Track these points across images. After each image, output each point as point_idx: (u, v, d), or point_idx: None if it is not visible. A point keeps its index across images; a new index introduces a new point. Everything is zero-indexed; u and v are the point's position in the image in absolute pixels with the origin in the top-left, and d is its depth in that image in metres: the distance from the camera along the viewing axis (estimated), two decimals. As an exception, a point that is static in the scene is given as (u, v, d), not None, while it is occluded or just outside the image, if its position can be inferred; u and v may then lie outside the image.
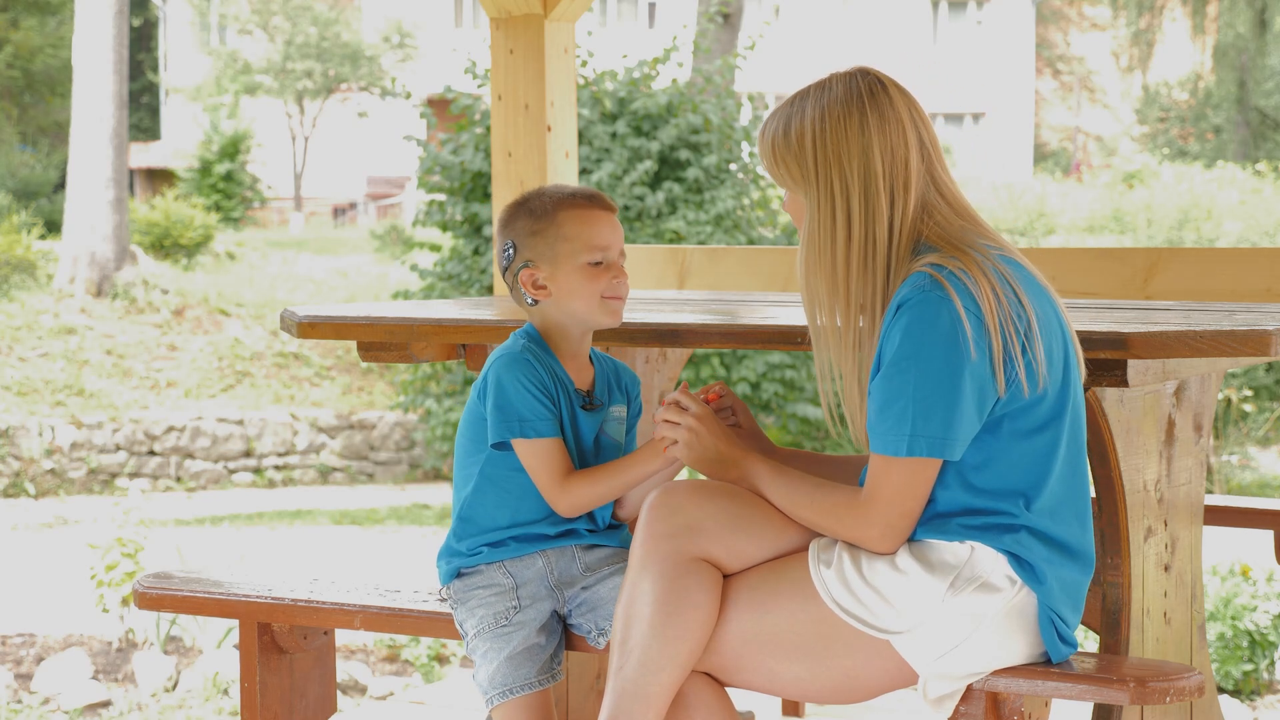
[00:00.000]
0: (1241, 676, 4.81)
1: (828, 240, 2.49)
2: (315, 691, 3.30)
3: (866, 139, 2.48)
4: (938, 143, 2.54)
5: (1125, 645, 2.83)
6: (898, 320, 2.41)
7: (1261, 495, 11.43)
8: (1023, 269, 2.49)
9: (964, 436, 2.41)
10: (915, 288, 2.41)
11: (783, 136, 2.52)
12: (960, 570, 2.45)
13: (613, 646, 2.56)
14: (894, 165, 2.48)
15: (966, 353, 2.38)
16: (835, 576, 2.48)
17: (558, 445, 2.79)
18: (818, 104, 2.50)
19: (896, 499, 2.44)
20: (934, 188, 2.51)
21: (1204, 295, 4.03)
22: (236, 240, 21.57)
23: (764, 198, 12.38)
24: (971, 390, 2.39)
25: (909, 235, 2.49)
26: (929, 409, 2.39)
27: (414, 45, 30.10)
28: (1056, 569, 2.47)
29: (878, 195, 2.47)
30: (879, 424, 2.43)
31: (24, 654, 6.03)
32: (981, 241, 2.49)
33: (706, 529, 2.55)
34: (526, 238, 2.83)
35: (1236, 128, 31.90)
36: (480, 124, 11.81)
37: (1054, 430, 2.46)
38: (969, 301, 2.39)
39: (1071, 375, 2.49)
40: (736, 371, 11.48)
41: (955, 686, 2.48)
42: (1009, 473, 2.45)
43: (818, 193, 2.49)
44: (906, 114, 2.51)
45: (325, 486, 14.45)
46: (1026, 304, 2.43)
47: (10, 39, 27.39)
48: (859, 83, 2.51)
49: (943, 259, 2.43)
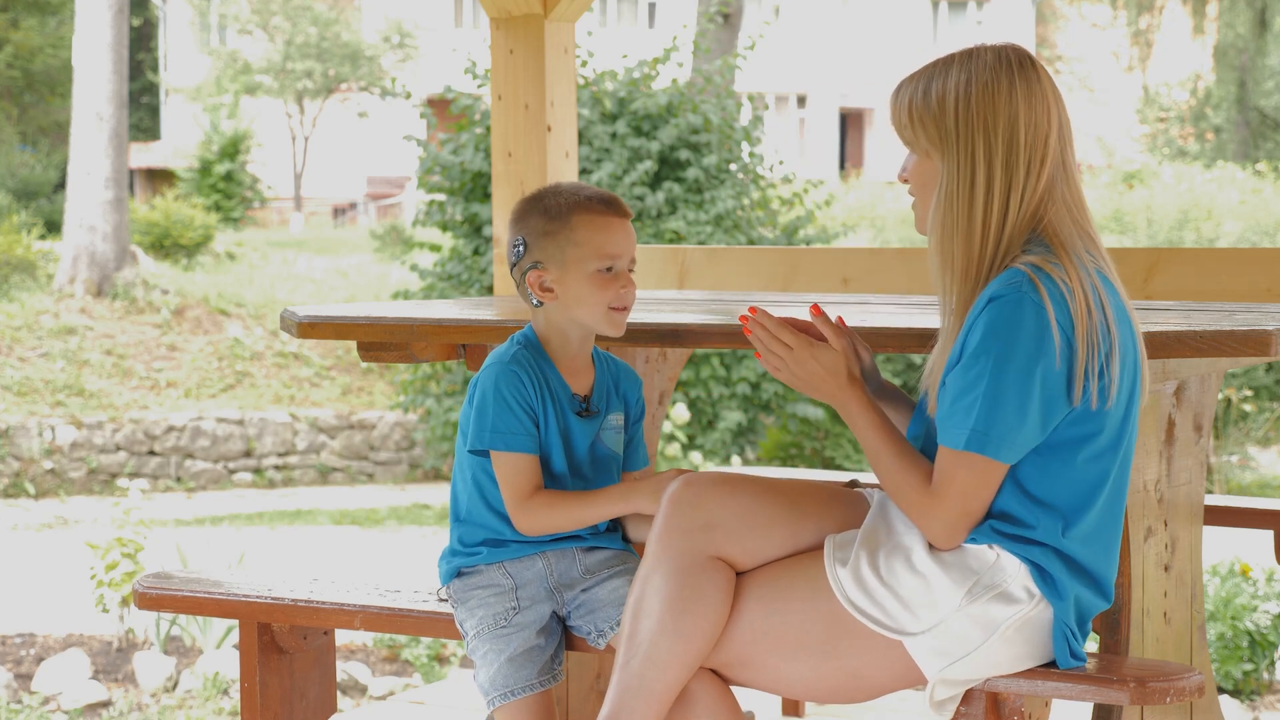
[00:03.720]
0: (1241, 676, 4.81)
1: (965, 203, 2.46)
2: (315, 691, 3.30)
3: (1014, 108, 2.45)
4: (1072, 130, 2.52)
5: (1125, 645, 2.83)
6: (985, 313, 2.39)
7: (1261, 495, 11.43)
8: (1114, 291, 2.47)
9: (1024, 443, 2.40)
10: (1010, 284, 2.39)
11: (922, 98, 2.49)
12: (980, 577, 2.44)
13: (621, 639, 2.56)
14: (1035, 138, 2.46)
15: (1050, 361, 2.36)
16: (850, 575, 2.48)
17: (529, 462, 2.77)
18: (964, 69, 2.47)
19: (961, 498, 2.43)
20: (1064, 171, 2.49)
21: (1204, 295, 4.03)
22: (236, 240, 21.57)
23: (764, 198, 12.38)
24: (1043, 399, 2.37)
25: (1030, 215, 2.46)
26: (997, 408, 2.37)
27: (414, 45, 30.10)
28: (1078, 590, 2.46)
29: (1016, 165, 2.45)
30: (949, 416, 2.42)
31: (24, 654, 6.03)
32: (1088, 253, 2.47)
33: (724, 526, 2.54)
34: (538, 237, 2.79)
35: (1236, 128, 31.89)
36: (480, 124, 11.80)
37: (1109, 458, 2.46)
38: (1061, 310, 2.37)
39: (1134, 406, 2.48)
40: (736, 371, 11.48)
41: (960, 689, 2.48)
42: (1056, 492, 2.44)
43: (957, 154, 2.46)
44: (1051, 92, 2.49)
45: (325, 486, 14.44)
46: (1112, 327, 2.41)
47: (10, 39, 27.38)
48: (1010, 54, 2.49)
49: (1044, 261, 2.41)
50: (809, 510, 2.61)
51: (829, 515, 2.62)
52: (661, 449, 10.71)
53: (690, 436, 11.52)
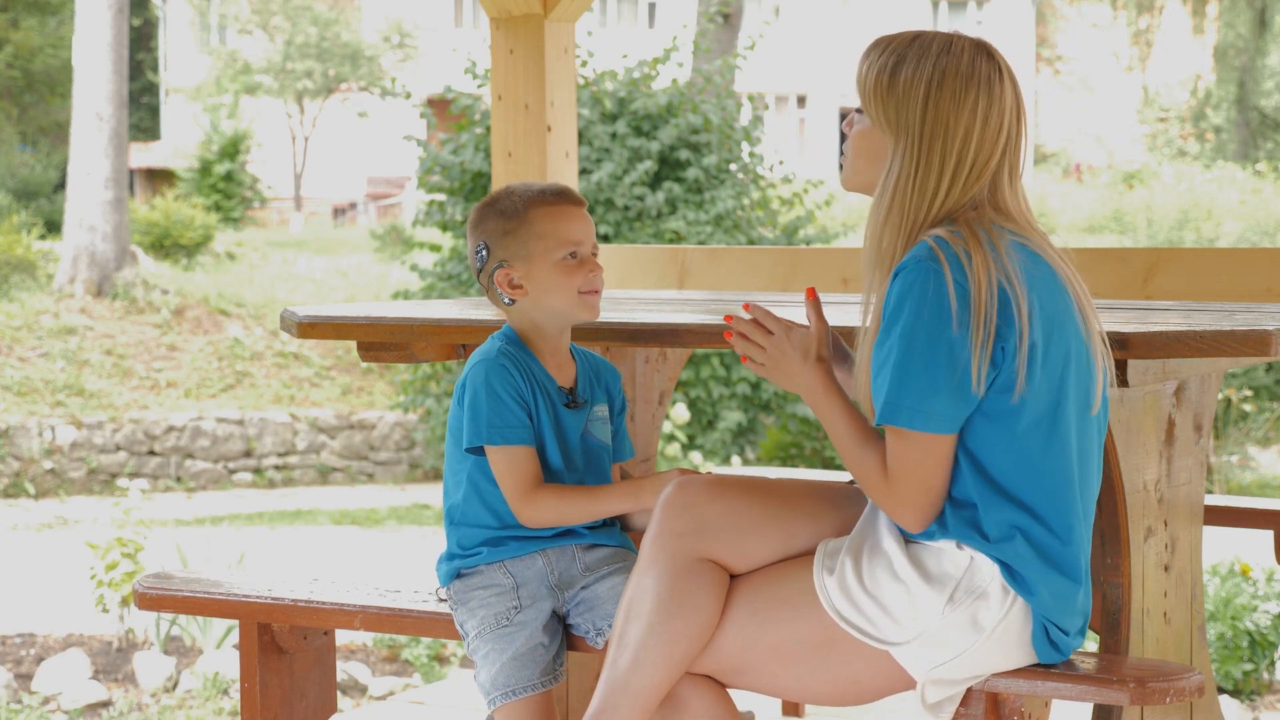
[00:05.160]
0: (1241, 676, 4.81)
1: (911, 192, 2.45)
2: (315, 691, 3.30)
3: (971, 121, 2.45)
4: (1021, 144, 2.51)
5: (1125, 645, 2.83)
6: (893, 287, 2.40)
7: (1261, 495, 11.43)
8: (1042, 264, 2.46)
9: (946, 411, 2.38)
10: (913, 256, 2.40)
11: (889, 79, 2.47)
12: (960, 581, 2.44)
13: (611, 639, 2.57)
14: (979, 154, 2.46)
15: (948, 326, 2.35)
16: (837, 585, 2.48)
17: (528, 454, 2.79)
18: (939, 64, 2.46)
19: (914, 475, 2.41)
20: (991, 186, 2.49)
21: (1204, 295, 4.03)
22: (236, 240, 21.57)
23: (764, 198, 12.38)
24: (952, 364, 2.36)
25: (948, 214, 2.46)
26: (906, 378, 2.37)
27: (414, 45, 30.09)
28: (1048, 580, 2.45)
29: (959, 169, 2.45)
30: (874, 392, 2.42)
31: (24, 654, 6.03)
32: (1011, 233, 2.46)
33: (716, 530, 2.55)
34: (499, 237, 2.83)
35: (1236, 128, 31.90)
36: (480, 124, 11.81)
37: (1051, 426, 2.43)
38: (959, 275, 2.36)
39: (1075, 377, 2.45)
40: (736, 371, 11.48)
41: (953, 691, 2.48)
42: (1008, 470, 2.43)
43: (911, 146, 2.46)
44: (1012, 110, 2.48)
45: (325, 486, 14.45)
46: (1021, 293, 2.38)
47: (10, 39, 27.39)
48: (983, 63, 2.47)
49: (948, 233, 2.41)
50: (803, 512, 2.61)
51: (824, 516, 2.62)
52: (661, 449, 10.71)
53: (690, 436, 11.52)
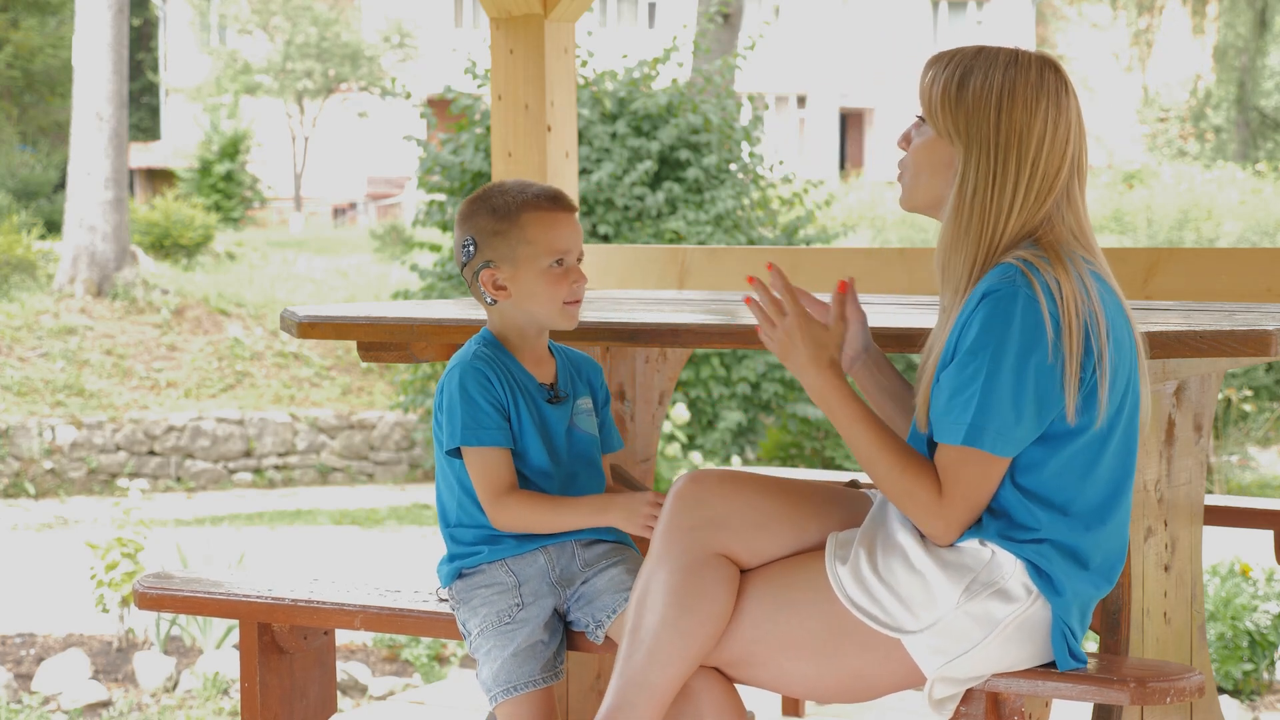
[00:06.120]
0: (1241, 676, 4.81)
1: (985, 200, 2.45)
2: (315, 691, 3.30)
3: (1043, 131, 2.45)
4: (1085, 160, 2.52)
5: (1125, 645, 2.83)
6: (980, 309, 2.39)
7: (1261, 495, 11.43)
8: (1111, 292, 2.47)
9: (1022, 437, 2.40)
10: (1004, 279, 2.39)
11: (956, 89, 2.47)
12: (977, 574, 2.44)
13: (624, 634, 2.57)
14: (1049, 167, 2.46)
15: (1043, 353, 2.37)
16: (850, 573, 2.48)
17: (502, 456, 2.79)
18: (1008, 74, 2.46)
19: (971, 495, 2.43)
20: (1066, 196, 2.49)
21: (1204, 295, 4.03)
22: (236, 240, 21.56)
23: (764, 198, 12.38)
24: (1037, 392, 2.37)
25: (1026, 233, 2.47)
26: (994, 403, 2.37)
27: (414, 45, 30.08)
28: (1075, 583, 2.46)
29: (1032, 180, 2.45)
30: (946, 413, 2.42)
31: (24, 654, 6.03)
32: (1084, 259, 2.47)
33: (729, 524, 2.55)
34: (488, 236, 2.83)
35: (1236, 128, 31.88)
36: (480, 124, 11.80)
37: (1103, 443, 2.45)
38: (1051, 303, 2.37)
39: (1130, 396, 2.47)
40: (736, 371, 11.48)
41: (959, 689, 2.48)
42: (1051, 481, 2.44)
43: (980, 153, 2.46)
44: (1077, 125, 2.50)
45: (325, 486, 14.44)
46: (1103, 336, 2.40)
47: (10, 39, 27.38)
48: (1051, 76, 2.48)
49: (1034, 255, 2.41)
50: (813, 508, 2.61)
51: (832, 514, 2.62)
52: (661, 449, 10.71)
53: (690, 436, 11.52)
